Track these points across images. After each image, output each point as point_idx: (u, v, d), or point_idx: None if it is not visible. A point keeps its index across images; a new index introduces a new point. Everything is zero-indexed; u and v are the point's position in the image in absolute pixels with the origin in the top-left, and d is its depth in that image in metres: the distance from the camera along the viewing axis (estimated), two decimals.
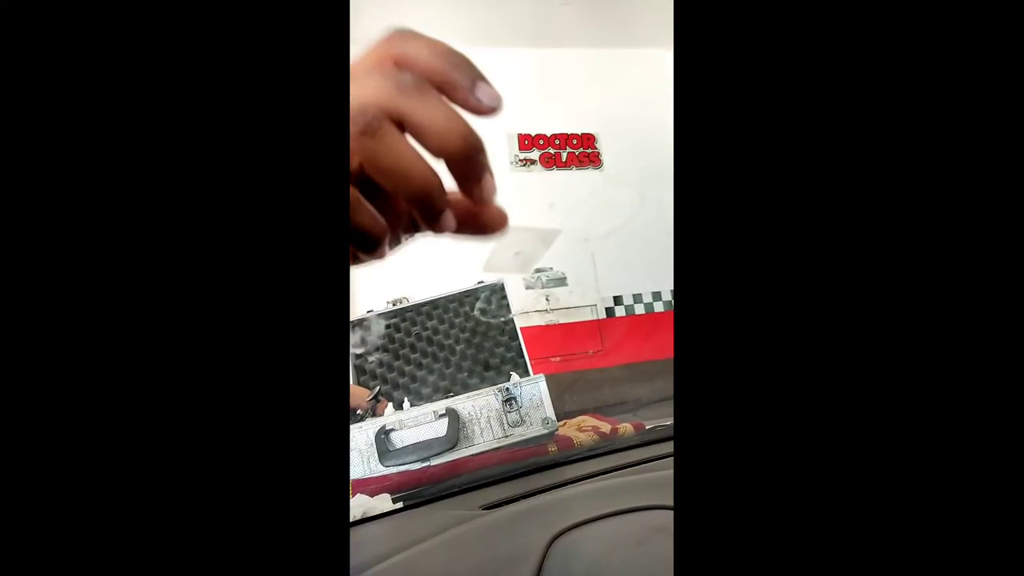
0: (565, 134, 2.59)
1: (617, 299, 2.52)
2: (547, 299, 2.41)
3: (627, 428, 0.92)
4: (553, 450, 0.85)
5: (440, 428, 0.89)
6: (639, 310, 2.53)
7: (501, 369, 1.08)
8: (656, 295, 2.54)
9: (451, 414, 0.90)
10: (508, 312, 1.14)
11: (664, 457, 0.66)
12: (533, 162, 2.53)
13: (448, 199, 0.22)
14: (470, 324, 1.13)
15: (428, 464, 0.85)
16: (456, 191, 0.23)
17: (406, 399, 1.02)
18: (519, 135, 2.52)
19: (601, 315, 2.49)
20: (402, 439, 0.89)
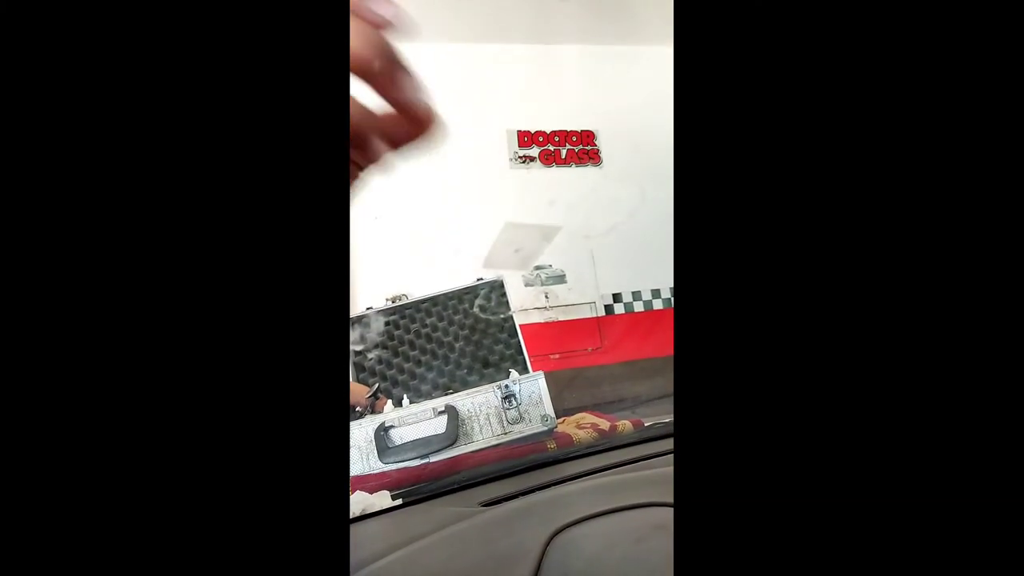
0: (565, 131, 2.58)
1: (616, 296, 2.53)
2: (546, 296, 2.41)
3: (626, 425, 0.92)
4: (552, 447, 0.85)
5: (439, 425, 0.89)
6: (638, 307, 2.54)
7: (500, 366, 1.08)
8: (655, 292, 2.54)
9: (450, 411, 0.90)
10: (507, 309, 1.14)
11: (663, 454, 0.67)
12: (532, 159, 2.53)
13: (376, 123, 0.22)
14: (469, 321, 1.13)
15: (427, 461, 0.86)
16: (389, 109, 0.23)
17: (405, 396, 1.02)
18: (518, 132, 2.52)
19: (600, 312, 2.49)
20: (401, 436, 0.89)
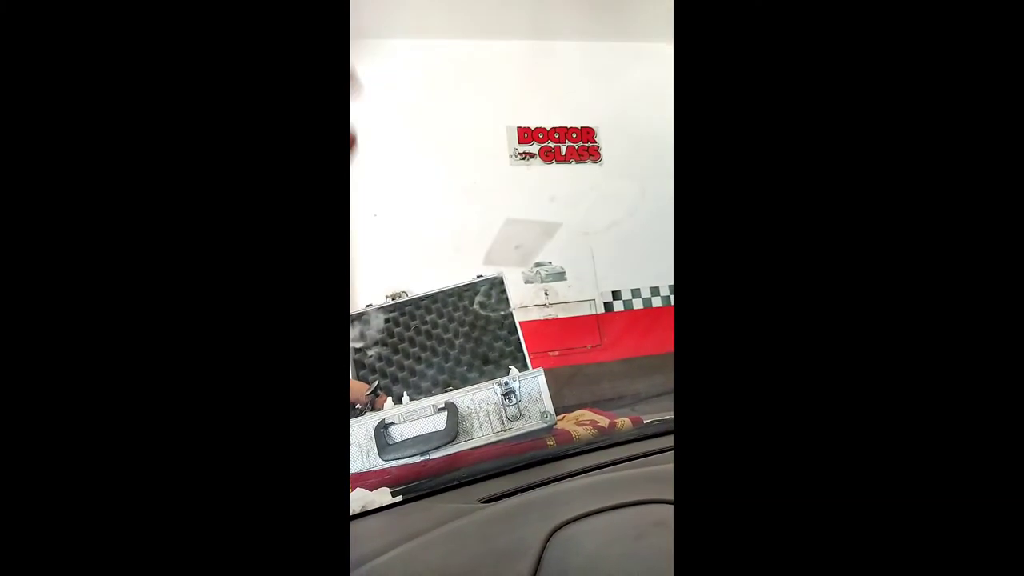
0: (564, 128, 2.57)
1: (616, 294, 2.52)
2: (546, 293, 2.41)
3: (625, 422, 0.92)
4: (552, 444, 0.85)
5: (439, 422, 0.89)
6: (637, 305, 2.53)
7: (500, 363, 1.08)
8: (654, 290, 2.54)
9: (450, 408, 0.90)
10: (507, 306, 1.14)
11: (662, 451, 0.67)
12: (532, 156, 2.52)
13: None
14: (469, 318, 1.13)
15: (427, 458, 0.86)
16: None
17: (405, 393, 1.02)
18: (518, 128, 2.51)
19: (600, 310, 2.49)
20: (401, 433, 0.89)
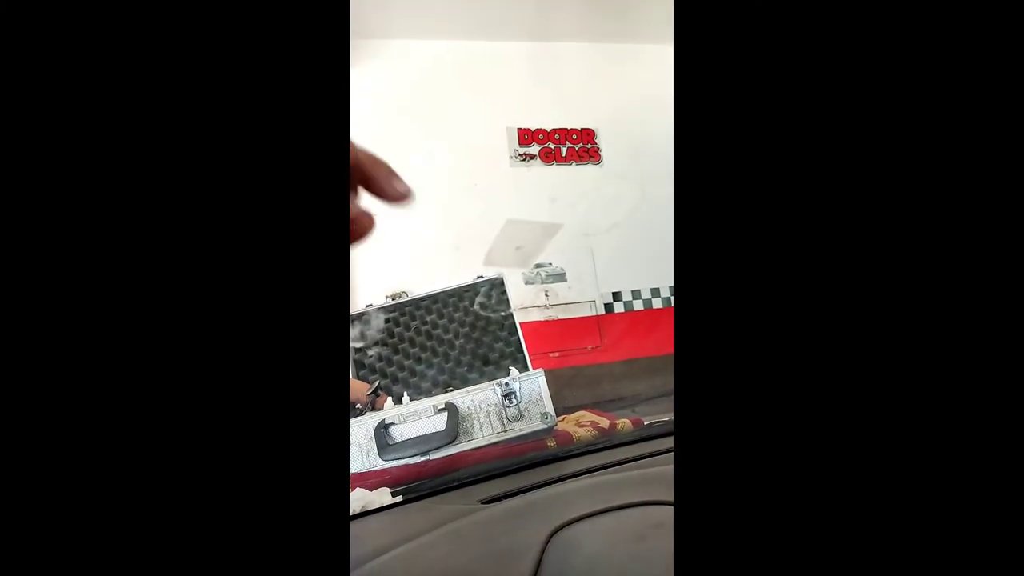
0: (565, 129, 2.58)
1: (616, 295, 2.53)
2: (546, 294, 2.41)
3: (625, 423, 0.92)
4: (552, 445, 0.85)
5: (439, 422, 0.89)
6: (637, 306, 2.54)
7: (500, 364, 1.08)
8: (655, 291, 2.54)
9: (450, 408, 0.90)
10: (507, 307, 1.14)
11: (662, 453, 0.67)
12: (532, 157, 2.52)
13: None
14: (469, 319, 1.13)
15: (427, 458, 0.85)
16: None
17: (405, 393, 1.02)
18: (519, 130, 2.51)
19: (600, 311, 2.49)
20: (401, 433, 0.89)
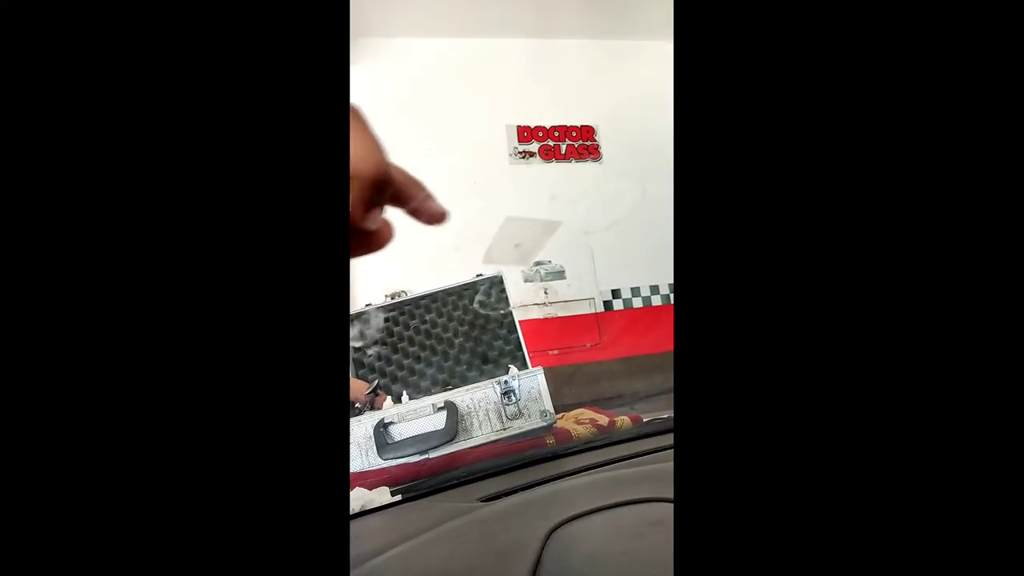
0: (564, 126, 2.57)
1: (615, 292, 2.52)
2: (546, 292, 2.41)
3: (625, 421, 0.92)
4: (551, 443, 0.85)
5: (439, 421, 0.89)
6: (637, 304, 2.53)
7: (499, 362, 1.08)
8: (654, 289, 2.54)
9: (449, 407, 0.90)
10: (507, 305, 1.14)
11: (662, 450, 0.67)
12: (532, 154, 2.52)
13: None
14: (469, 317, 1.13)
15: (427, 457, 0.86)
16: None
17: (405, 392, 1.02)
18: (518, 127, 2.51)
19: (599, 308, 2.49)
20: (401, 432, 0.89)
